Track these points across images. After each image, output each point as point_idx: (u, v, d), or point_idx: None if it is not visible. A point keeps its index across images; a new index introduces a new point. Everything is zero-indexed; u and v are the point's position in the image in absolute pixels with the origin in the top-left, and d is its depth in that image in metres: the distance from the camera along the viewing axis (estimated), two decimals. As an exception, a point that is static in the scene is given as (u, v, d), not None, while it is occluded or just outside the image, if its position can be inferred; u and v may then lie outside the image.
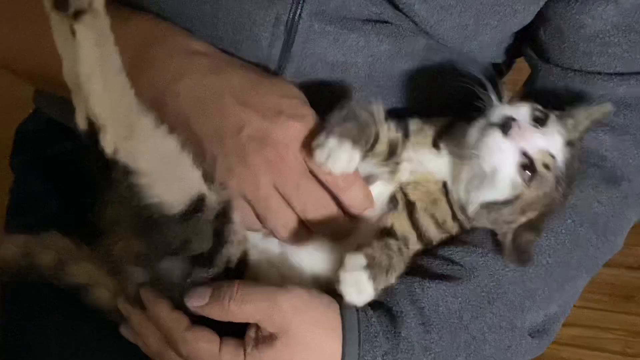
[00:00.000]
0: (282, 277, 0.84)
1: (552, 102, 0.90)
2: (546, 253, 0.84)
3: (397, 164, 0.84)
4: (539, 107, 0.81)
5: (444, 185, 0.84)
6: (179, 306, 0.80)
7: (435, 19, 0.85)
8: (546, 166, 0.79)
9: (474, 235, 0.85)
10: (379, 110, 0.83)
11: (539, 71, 0.93)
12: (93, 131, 0.73)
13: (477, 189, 0.81)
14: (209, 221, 0.79)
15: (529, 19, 0.89)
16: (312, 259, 0.84)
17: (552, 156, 0.80)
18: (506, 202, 0.80)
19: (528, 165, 0.79)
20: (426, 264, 0.83)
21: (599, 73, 0.88)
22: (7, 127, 1.16)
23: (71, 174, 0.99)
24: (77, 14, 0.70)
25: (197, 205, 0.78)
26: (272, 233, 0.83)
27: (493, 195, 0.80)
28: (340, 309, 0.80)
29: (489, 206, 0.81)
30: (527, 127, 0.79)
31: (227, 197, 0.81)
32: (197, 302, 0.78)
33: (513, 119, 0.79)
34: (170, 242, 0.78)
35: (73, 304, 0.87)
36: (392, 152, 0.84)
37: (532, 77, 0.95)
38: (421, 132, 0.86)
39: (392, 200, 0.84)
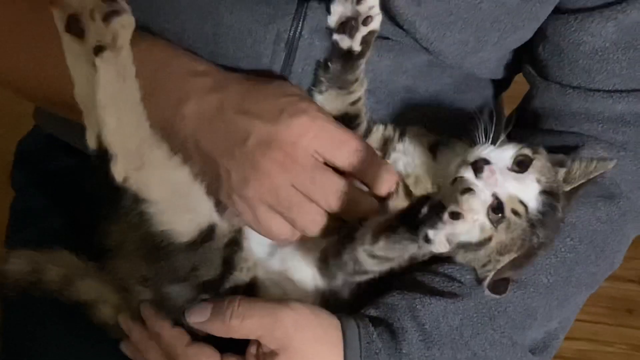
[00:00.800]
0: (285, 294, 0.83)
1: (551, 118, 0.91)
2: (547, 271, 0.85)
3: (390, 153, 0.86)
4: (527, 151, 0.81)
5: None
6: (180, 322, 0.80)
7: (436, 35, 0.85)
8: (515, 212, 0.79)
9: None
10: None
11: (538, 88, 0.93)
12: (103, 152, 0.73)
13: None
14: (218, 249, 0.79)
15: (528, 35, 0.90)
16: (313, 272, 0.84)
17: (523, 204, 0.79)
18: (479, 244, 0.79)
19: (497, 207, 0.79)
20: (427, 281, 0.84)
21: (598, 90, 0.89)
22: (9, 142, 1.16)
23: (71, 190, 1.00)
24: (99, 49, 0.69)
25: (207, 234, 0.78)
26: (304, 232, 0.82)
27: (465, 236, 0.78)
28: (342, 325, 0.80)
29: (465, 246, 0.80)
30: (501, 171, 0.79)
31: (239, 226, 0.82)
32: (197, 318, 0.78)
33: (486, 162, 0.79)
34: (178, 269, 0.78)
35: (74, 318, 0.87)
36: (386, 145, 0.86)
37: (530, 93, 0.95)
38: (417, 137, 0.87)
39: None
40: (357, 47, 0.82)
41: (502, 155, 0.80)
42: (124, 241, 0.82)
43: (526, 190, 0.80)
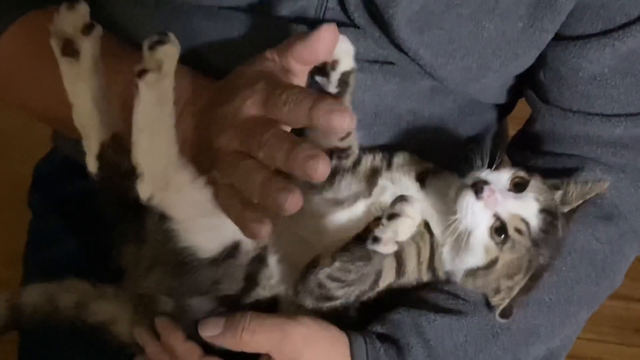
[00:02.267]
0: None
1: (551, 142, 0.93)
2: (548, 290, 0.86)
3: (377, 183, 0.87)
4: (522, 173, 0.84)
5: (426, 225, 0.85)
6: (193, 336, 0.82)
7: (439, 62, 0.87)
8: (518, 231, 0.81)
9: None
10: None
11: (539, 111, 0.95)
12: (106, 172, 0.76)
13: (457, 255, 0.83)
14: (241, 266, 0.81)
15: (529, 62, 0.91)
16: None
17: (525, 221, 0.82)
18: (486, 267, 0.82)
19: (500, 228, 0.81)
20: (432, 298, 0.85)
21: (597, 114, 0.91)
22: (27, 164, 1.17)
23: (87, 212, 1.02)
24: (142, 72, 0.71)
25: (231, 251, 0.80)
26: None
27: (472, 260, 0.82)
28: (349, 341, 0.82)
29: (473, 273, 0.83)
30: (500, 192, 0.81)
31: (265, 243, 0.83)
32: (210, 332, 0.79)
33: (486, 183, 0.81)
34: (200, 283, 0.80)
35: (89, 343, 0.89)
36: (374, 175, 0.87)
37: (532, 117, 0.97)
38: (404, 167, 0.89)
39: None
40: (333, 90, 0.82)
41: (499, 177, 0.83)
42: (141, 259, 0.84)
43: (526, 208, 0.82)
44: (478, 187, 0.81)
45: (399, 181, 0.87)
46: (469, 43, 0.86)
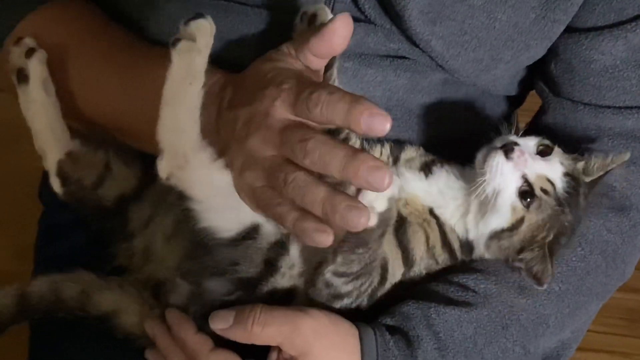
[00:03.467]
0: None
1: (562, 134, 0.93)
2: (558, 280, 0.87)
3: None
4: (547, 141, 0.85)
5: (431, 211, 0.86)
6: (204, 328, 0.82)
7: (450, 53, 0.87)
8: (545, 191, 0.83)
9: (488, 263, 0.87)
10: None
11: (550, 104, 0.95)
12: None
13: (483, 218, 0.84)
14: (261, 249, 0.81)
15: (541, 53, 0.92)
16: None
17: (551, 182, 0.83)
18: (511, 229, 0.83)
19: (527, 190, 0.83)
20: (441, 290, 0.86)
21: (609, 107, 0.91)
22: (38, 158, 1.17)
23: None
24: (176, 41, 0.74)
25: (250, 232, 0.80)
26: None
27: (497, 221, 0.83)
28: (359, 333, 0.82)
29: (497, 235, 0.84)
30: (528, 153, 0.83)
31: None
32: (221, 324, 0.80)
33: (516, 144, 0.83)
34: (219, 263, 0.81)
35: (99, 336, 0.90)
36: None
37: (543, 109, 0.98)
38: (409, 161, 0.89)
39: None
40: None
41: (526, 142, 0.85)
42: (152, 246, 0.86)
43: (552, 170, 0.84)
44: (508, 148, 0.82)
45: (403, 175, 0.87)
46: (481, 34, 0.86)
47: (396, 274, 0.86)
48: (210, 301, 0.83)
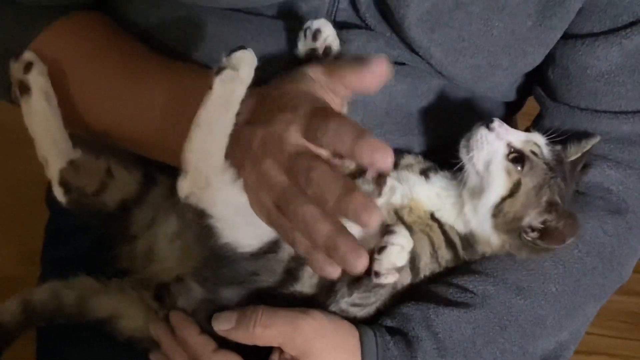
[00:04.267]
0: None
1: (560, 138, 0.94)
2: (555, 281, 0.88)
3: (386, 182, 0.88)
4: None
5: (432, 216, 0.88)
6: (207, 330, 0.84)
7: (449, 60, 0.88)
8: (534, 153, 0.86)
9: (486, 264, 0.88)
10: None
11: (548, 109, 0.96)
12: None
13: (480, 200, 0.86)
14: (282, 261, 0.83)
15: (538, 60, 0.92)
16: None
17: (537, 145, 0.86)
18: (511, 194, 0.85)
19: (518, 156, 0.85)
20: (440, 292, 0.87)
21: (605, 111, 0.92)
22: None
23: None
24: (220, 70, 0.76)
25: (271, 247, 0.82)
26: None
27: (495, 192, 0.85)
28: (359, 334, 0.83)
29: (499, 208, 0.85)
30: (508, 126, 0.87)
31: None
32: (223, 326, 0.81)
33: (494, 118, 0.87)
34: (238, 274, 0.82)
35: (105, 338, 0.90)
36: (381, 175, 0.86)
37: (541, 114, 0.98)
38: (408, 166, 0.91)
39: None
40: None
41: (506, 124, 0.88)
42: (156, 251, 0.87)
43: (536, 138, 0.87)
44: (488, 121, 0.87)
45: (405, 179, 0.89)
46: (479, 41, 0.87)
47: (405, 283, 0.87)
48: (222, 307, 0.84)
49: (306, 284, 0.84)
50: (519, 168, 0.85)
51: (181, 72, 0.88)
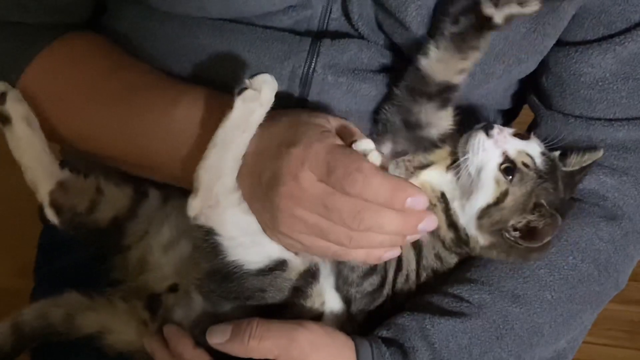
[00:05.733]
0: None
1: (555, 146, 0.94)
2: (550, 288, 0.87)
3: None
4: (523, 132, 0.89)
5: (442, 195, 0.88)
6: (201, 343, 0.83)
7: None
8: (525, 165, 0.85)
9: (482, 273, 0.88)
10: None
11: (543, 117, 0.96)
12: None
13: (468, 200, 0.86)
14: (289, 279, 0.83)
15: (532, 67, 0.93)
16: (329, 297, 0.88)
17: (530, 157, 0.86)
18: (497, 202, 0.85)
19: (509, 166, 0.85)
20: (436, 302, 0.86)
21: (599, 119, 0.92)
22: None
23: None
24: (242, 90, 0.78)
25: (278, 265, 0.83)
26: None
27: (482, 197, 0.85)
28: (355, 345, 0.83)
29: (486, 212, 0.85)
30: (507, 132, 0.87)
31: (316, 260, 0.85)
32: (218, 338, 0.81)
33: (495, 123, 0.86)
34: (245, 290, 0.83)
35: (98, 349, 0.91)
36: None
37: (536, 122, 0.98)
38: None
39: None
40: (498, 20, 0.81)
41: (505, 128, 0.88)
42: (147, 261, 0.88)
43: (531, 147, 0.87)
44: (488, 127, 0.86)
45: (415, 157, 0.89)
46: None
47: (410, 261, 0.87)
48: (221, 321, 0.83)
49: (315, 302, 0.85)
50: (509, 178, 0.85)
51: (186, 95, 0.88)
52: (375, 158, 0.78)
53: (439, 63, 0.84)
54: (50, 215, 0.91)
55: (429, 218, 0.78)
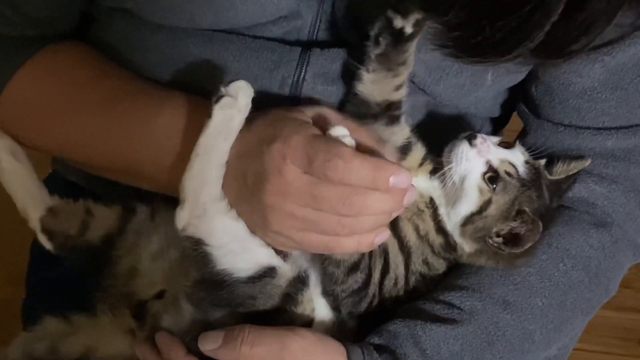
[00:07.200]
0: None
1: (544, 154, 0.95)
2: (541, 295, 0.88)
3: None
4: (507, 140, 0.90)
5: (431, 200, 0.88)
6: (194, 350, 0.83)
7: (432, 79, 0.89)
8: (508, 174, 0.86)
9: (473, 280, 0.88)
10: None
11: (532, 126, 0.97)
12: None
13: (453, 208, 0.87)
14: (279, 286, 0.84)
15: (521, 77, 0.93)
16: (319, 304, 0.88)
17: (513, 166, 0.87)
18: (480, 211, 0.86)
19: (492, 175, 0.86)
20: (428, 308, 0.87)
21: (588, 128, 0.92)
22: None
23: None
24: (219, 98, 0.79)
25: (267, 272, 0.83)
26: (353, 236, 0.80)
27: (466, 206, 0.86)
28: (347, 352, 0.83)
29: (470, 220, 0.86)
30: (491, 142, 0.87)
31: (306, 266, 0.86)
32: (210, 345, 0.81)
33: (479, 133, 0.87)
34: (235, 297, 0.83)
35: None
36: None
37: (525, 131, 0.99)
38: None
39: None
40: (409, 29, 0.82)
41: (489, 137, 0.88)
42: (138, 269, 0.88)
43: (514, 156, 0.88)
44: (471, 136, 0.87)
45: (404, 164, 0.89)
46: None
47: (398, 264, 0.87)
48: (212, 328, 0.83)
49: (307, 309, 0.85)
50: (493, 187, 0.86)
51: (168, 101, 0.88)
52: (349, 142, 0.78)
53: (373, 85, 0.85)
54: (44, 241, 0.93)
55: (411, 190, 0.79)
